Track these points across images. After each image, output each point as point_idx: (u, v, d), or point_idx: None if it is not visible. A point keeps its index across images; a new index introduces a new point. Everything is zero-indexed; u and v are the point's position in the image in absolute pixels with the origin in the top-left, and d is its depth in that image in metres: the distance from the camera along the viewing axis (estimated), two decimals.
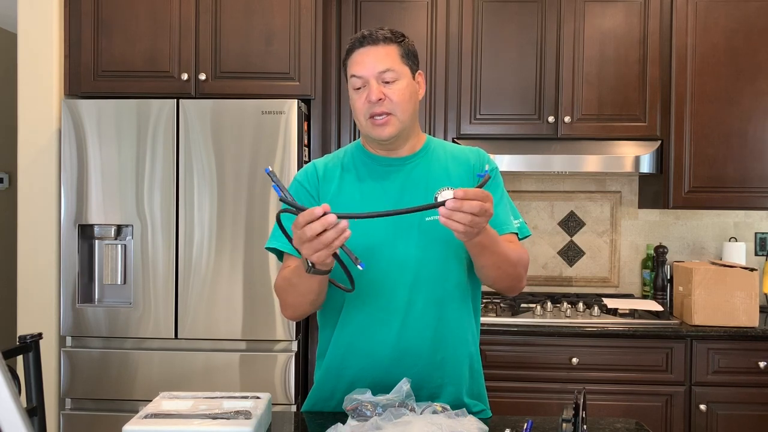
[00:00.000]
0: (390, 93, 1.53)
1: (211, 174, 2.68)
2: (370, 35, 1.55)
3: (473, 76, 3.03)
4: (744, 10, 2.94)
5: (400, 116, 1.55)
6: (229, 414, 1.37)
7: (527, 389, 2.74)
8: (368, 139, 1.61)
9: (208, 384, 2.63)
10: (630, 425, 1.54)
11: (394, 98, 1.53)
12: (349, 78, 1.58)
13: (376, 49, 1.54)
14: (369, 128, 1.55)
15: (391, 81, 1.53)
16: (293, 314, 1.58)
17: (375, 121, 1.53)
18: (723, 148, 2.95)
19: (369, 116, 1.54)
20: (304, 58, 2.80)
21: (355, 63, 1.55)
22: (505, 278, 1.53)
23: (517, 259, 1.52)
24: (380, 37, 1.55)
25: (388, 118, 1.53)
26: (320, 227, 1.25)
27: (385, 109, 1.53)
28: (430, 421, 1.31)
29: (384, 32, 1.56)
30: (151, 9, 2.81)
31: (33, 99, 2.79)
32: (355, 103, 1.57)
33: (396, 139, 1.57)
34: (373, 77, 1.53)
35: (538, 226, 3.37)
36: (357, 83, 1.55)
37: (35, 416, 1.66)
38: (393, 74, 1.54)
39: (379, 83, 1.53)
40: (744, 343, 2.71)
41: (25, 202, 2.79)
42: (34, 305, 2.78)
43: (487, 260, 1.46)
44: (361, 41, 1.56)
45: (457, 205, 1.26)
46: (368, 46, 1.55)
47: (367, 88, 1.54)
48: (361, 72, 1.54)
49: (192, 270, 2.68)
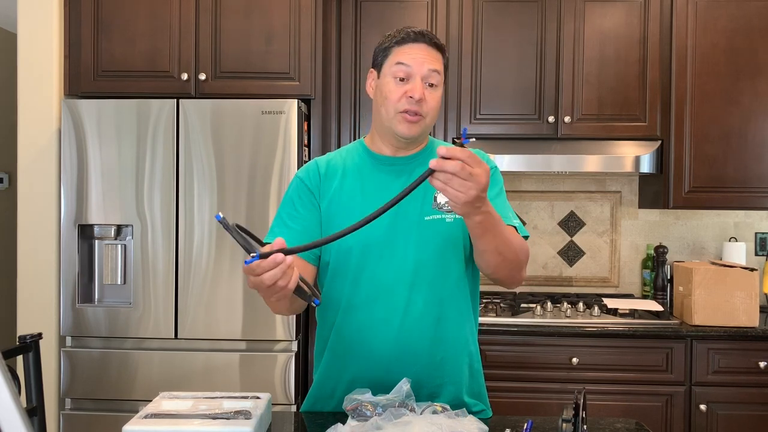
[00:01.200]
0: (429, 97, 1.53)
1: (211, 174, 2.68)
2: (427, 34, 1.55)
3: (473, 76, 3.03)
4: (744, 10, 2.94)
5: (428, 121, 1.56)
6: (229, 414, 1.37)
7: (527, 389, 2.74)
8: (385, 133, 1.59)
9: (208, 384, 2.63)
10: (630, 425, 1.54)
11: (432, 103, 1.54)
12: (391, 65, 1.54)
13: (430, 51, 1.54)
14: (396, 122, 1.54)
15: (435, 85, 1.54)
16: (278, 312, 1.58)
17: (407, 117, 1.52)
18: (723, 148, 2.95)
19: (402, 110, 1.53)
20: (304, 58, 2.80)
21: (406, 53, 1.53)
22: (506, 265, 1.49)
23: (519, 246, 1.49)
24: (434, 41, 1.55)
25: (419, 119, 1.53)
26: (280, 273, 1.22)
27: (420, 110, 1.52)
28: (430, 421, 1.31)
29: (436, 38, 1.57)
30: (151, 9, 2.81)
31: (33, 99, 2.79)
32: (392, 93, 1.53)
33: (414, 140, 1.58)
34: (420, 74, 1.52)
35: (538, 226, 3.37)
36: (401, 72, 1.53)
37: (35, 416, 1.66)
38: (438, 78, 1.54)
39: (423, 83, 1.52)
40: (744, 343, 2.71)
41: (25, 202, 2.79)
42: (34, 305, 2.78)
43: (489, 244, 1.42)
44: (416, 36, 1.54)
45: (439, 164, 1.21)
46: (423, 44, 1.54)
47: (410, 82, 1.52)
48: (411, 63, 1.52)
49: (192, 270, 2.68)
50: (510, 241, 1.46)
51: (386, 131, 1.58)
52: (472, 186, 1.23)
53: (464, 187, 1.23)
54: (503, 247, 1.44)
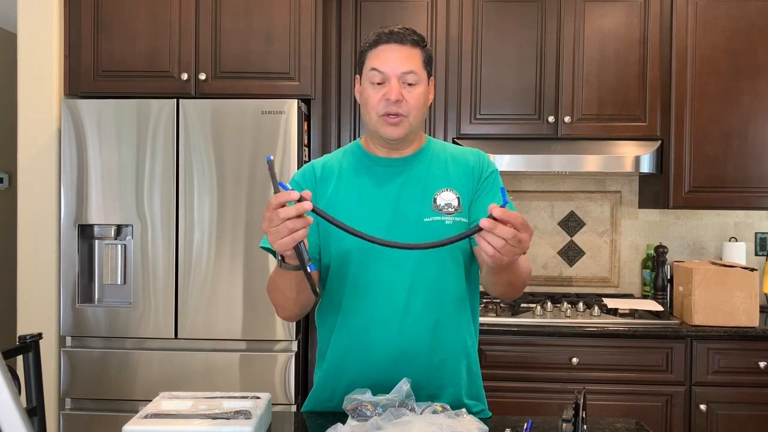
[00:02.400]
0: (408, 96, 1.52)
1: (211, 174, 2.68)
2: (399, 33, 1.53)
3: (473, 76, 3.03)
4: (744, 10, 2.94)
5: (412, 120, 1.54)
6: (229, 414, 1.37)
7: (527, 389, 2.74)
8: (374, 136, 1.60)
9: (208, 384, 2.63)
10: (630, 425, 1.54)
11: (412, 102, 1.53)
12: (367, 71, 1.55)
13: (402, 49, 1.53)
14: (379, 125, 1.54)
15: (413, 84, 1.53)
16: (284, 314, 1.57)
17: (388, 120, 1.52)
18: (723, 148, 2.95)
19: (382, 114, 1.53)
20: (304, 58, 2.80)
21: (379, 57, 1.53)
22: (512, 291, 1.54)
23: (527, 274, 1.52)
24: (408, 38, 1.53)
25: (400, 120, 1.53)
26: (294, 212, 1.24)
27: (400, 110, 1.52)
28: (430, 421, 1.31)
29: (411, 34, 1.54)
30: (151, 9, 2.81)
31: (33, 99, 2.79)
32: (370, 98, 1.54)
33: (402, 141, 1.57)
34: (395, 76, 1.51)
35: (538, 226, 3.37)
36: (377, 78, 1.53)
37: (35, 416, 1.66)
38: (415, 77, 1.53)
39: (399, 84, 1.52)
40: (744, 343, 2.71)
41: (25, 202, 2.79)
42: (34, 305, 2.78)
43: (503, 278, 1.45)
44: (388, 37, 1.53)
45: (490, 225, 1.20)
46: (395, 44, 1.53)
47: (386, 85, 1.52)
48: (384, 68, 1.52)
49: (192, 270, 2.68)
50: (521, 274, 1.47)
51: (374, 134, 1.59)
52: (518, 252, 1.25)
53: (511, 252, 1.23)
54: (514, 278, 1.47)
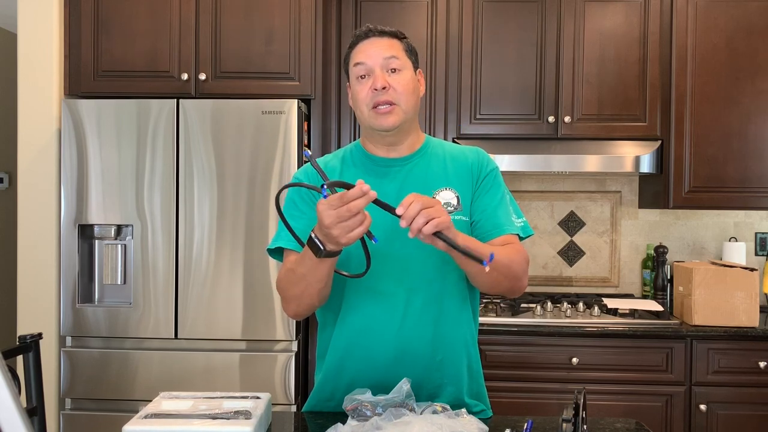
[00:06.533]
0: (395, 83, 1.52)
1: (211, 174, 2.68)
2: (375, 28, 1.57)
3: (473, 76, 3.03)
4: (744, 10, 2.94)
5: (403, 106, 1.54)
6: (229, 414, 1.37)
7: (527, 389, 2.74)
8: (371, 133, 1.60)
9: (208, 384, 2.63)
10: (630, 425, 1.54)
11: (399, 88, 1.53)
12: (352, 67, 1.56)
13: (381, 41, 1.55)
14: (372, 118, 1.54)
15: (397, 69, 1.53)
16: (297, 308, 1.52)
17: (379, 110, 1.52)
18: (723, 148, 2.95)
19: (373, 106, 1.53)
20: (304, 58, 2.80)
21: (360, 52, 1.55)
22: (500, 281, 1.50)
23: (509, 261, 1.48)
24: (387, 32, 1.57)
25: (392, 108, 1.52)
26: (365, 203, 1.26)
27: (389, 98, 1.52)
28: (430, 421, 1.31)
29: (389, 29, 1.58)
30: (151, 9, 2.81)
31: (33, 99, 2.79)
32: (359, 93, 1.55)
33: (398, 131, 1.56)
34: (378, 65, 1.52)
35: (538, 226, 3.37)
36: (361, 71, 1.54)
37: (35, 416, 1.66)
38: (398, 62, 1.54)
39: (383, 72, 1.52)
40: (744, 343, 2.71)
41: (25, 202, 2.79)
42: (34, 305, 2.78)
43: (473, 267, 1.42)
44: (366, 33, 1.56)
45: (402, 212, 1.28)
46: (373, 38, 1.56)
47: (371, 77, 1.53)
48: (366, 59, 1.53)
49: (192, 270, 2.68)
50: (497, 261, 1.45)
51: (371, 132, 1.59)
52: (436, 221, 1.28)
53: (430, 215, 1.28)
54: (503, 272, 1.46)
